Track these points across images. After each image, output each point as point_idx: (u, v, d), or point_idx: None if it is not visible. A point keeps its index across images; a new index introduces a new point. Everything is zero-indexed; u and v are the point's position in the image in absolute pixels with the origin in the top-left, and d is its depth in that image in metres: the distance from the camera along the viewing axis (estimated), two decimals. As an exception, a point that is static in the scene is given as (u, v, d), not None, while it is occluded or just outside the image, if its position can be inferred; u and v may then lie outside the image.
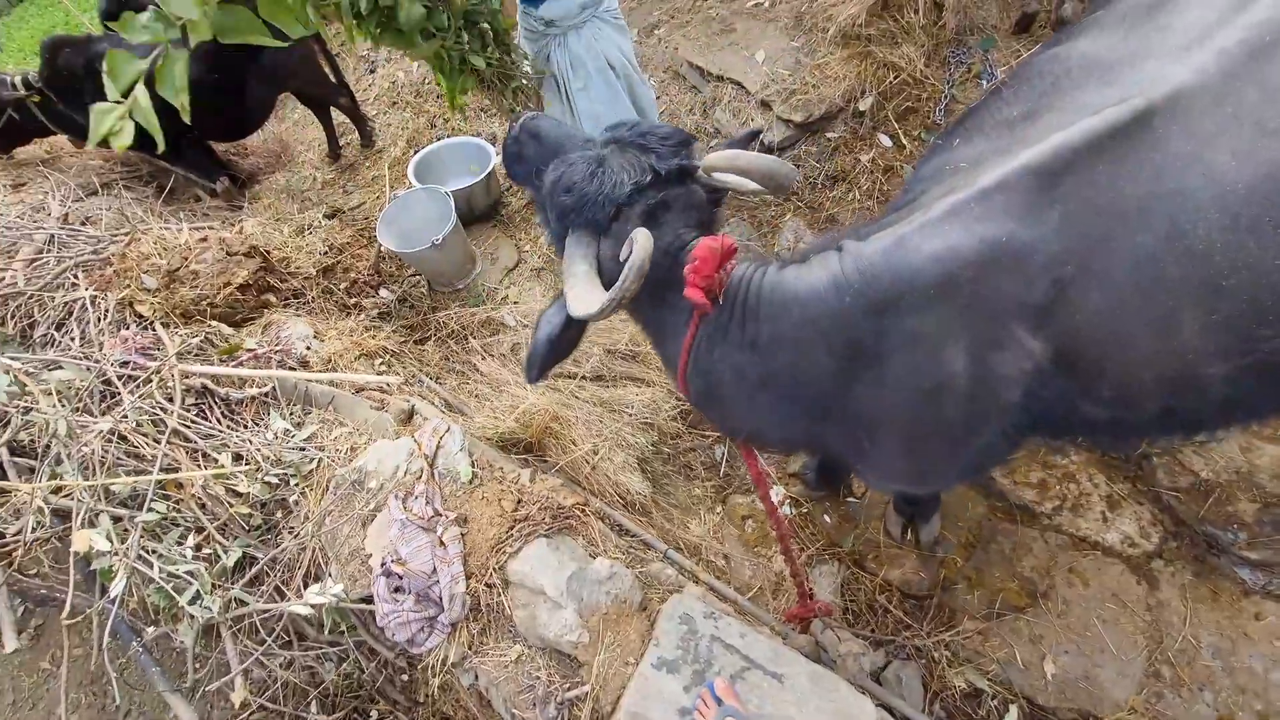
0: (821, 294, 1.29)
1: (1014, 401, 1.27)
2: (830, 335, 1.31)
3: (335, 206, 4.09)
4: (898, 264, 1.22)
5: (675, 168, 1.42)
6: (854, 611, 2.32)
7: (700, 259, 1.31)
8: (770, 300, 1.36)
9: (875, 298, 1.24)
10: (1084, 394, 1.29)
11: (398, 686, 2.57)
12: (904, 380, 1.28)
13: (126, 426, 2.40)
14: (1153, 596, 2.20)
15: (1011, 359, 1.23)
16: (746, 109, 3.45)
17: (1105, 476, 2.41)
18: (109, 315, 2.88)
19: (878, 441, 1.41)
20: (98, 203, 3.78)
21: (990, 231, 1.18)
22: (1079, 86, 1.32)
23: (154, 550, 2.21)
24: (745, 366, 1.42)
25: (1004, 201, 1.18)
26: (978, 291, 1.19)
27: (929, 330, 1.23)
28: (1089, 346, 1.23)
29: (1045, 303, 1.20)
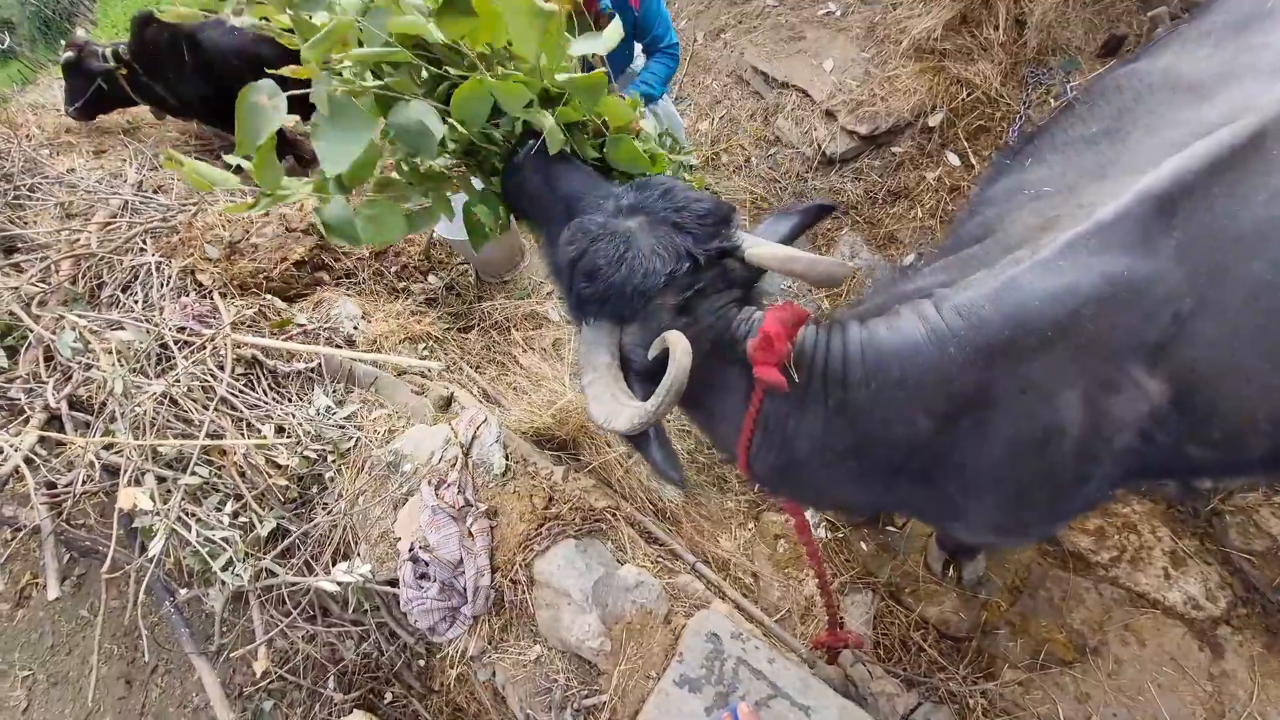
0: (920, 346, 1.17)
1: (1128, 447, 1.18)
2: (931, 390, 1.19)
3: (392, 191, 4.16)
4: (1009, 306, 1.12)
5: (715, 251, 1.24)
6: (885, 646, 2.21)
7: (770, 334, 1.16)
8: (863, 361, 1.22)
9: (983, 345, 1.12)
10: (1195, 434, 1.19)
11: (414, 672, 2.57)
12: (1012, 431, 1.18)
13: (178, 390, 2.46)
14: (1216, 665, 2.04)
15: (1128, 402, 1.14)
16: (810, 118, 3.37)
17: (1170, 530, 2.26)
18: (171, 281, 2.97)
19: (976, 497, 1.30)
20: (170, 172, 3.93)
21: (1110, 266, 1.09)
22: (1169, 104, 1.24)
23: (193, 514, 2.26)
24: (831, 437, 1.28)
25: (1123, 232, 1.09)
26: (1096, 331, 1.10)
27: (1043, 376, 1.13)
28: (1204, 384, 1.14)
29: (1164, 339, 1.11)
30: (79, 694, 3.26)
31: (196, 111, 4.18)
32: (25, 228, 3.31)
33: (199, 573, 2.31)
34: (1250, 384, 1.14)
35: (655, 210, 1.25)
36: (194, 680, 3.23)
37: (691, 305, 1.23)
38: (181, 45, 3.86)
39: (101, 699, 3.24)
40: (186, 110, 4.22)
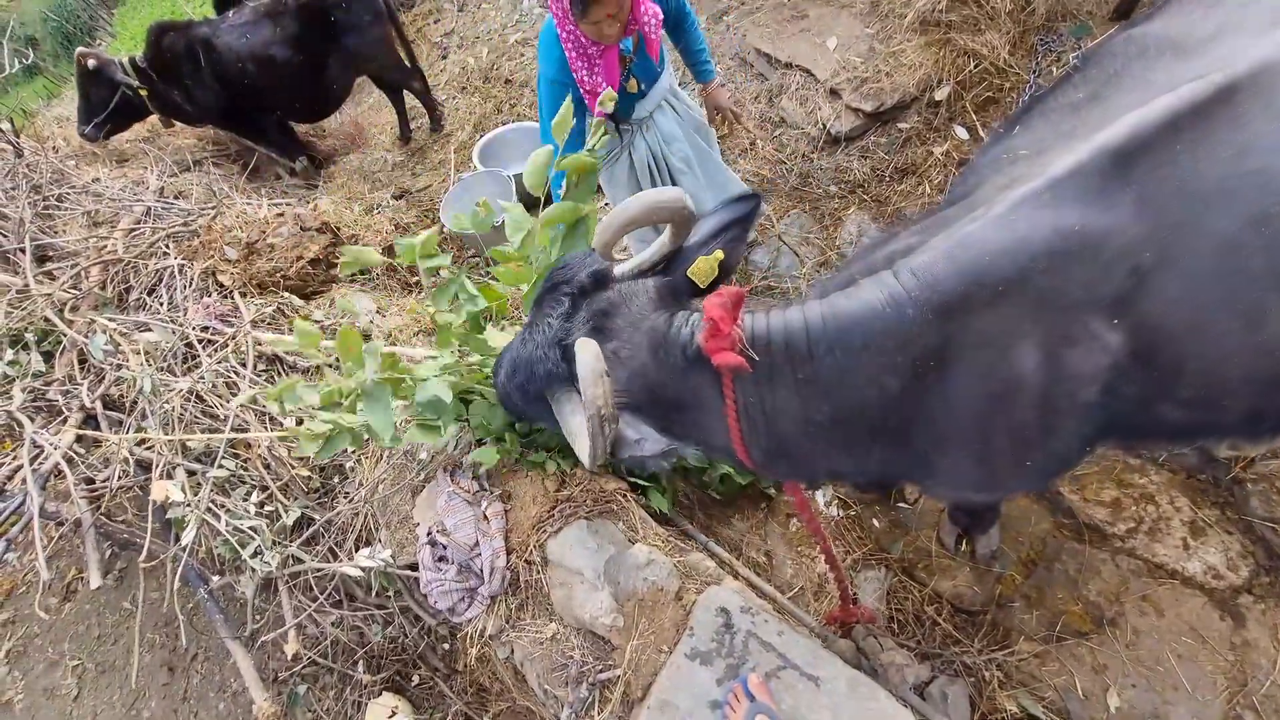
0: (880, 311, 1.20)
1: (1090, 400, 1.18)
2: (895, 353, 1.21)
3: (403, 188, 4.23)
4: (962, 263, 1.14)
5: (586, 279, 1.35)
6: (899, 621, 2.22)
7: (714, 319, 1.21)
8: (825, 333, 1.25)
9: (939, 302, 1.15)
10: (1163, 393, 1.19)
11: (438, 654, 2.65)
12: (973, 385, 1.20)
13: (204, 387, 2.55)
14: (1237, 635, 2.02)
15: (1087, 355, 1.14)
16: (814, 97, 3.35)
17: (1190, 500, 2.23)
18: (194, 283, 3.07)
19: (947, 453, 1.32)
20: (190, 178, 4.04)
21: (1063, 220, 1.09)
22: (1151, 67, 1.23)
23: (222, 504, 2.35)
24: (808, 409, 1.31)
25: (1076, 186, 1.10)
26: (1050, 284, 1.11)
27: (998, 330, 1.15)
28: (1168, 340, 1.14)
29: (1122, 293, 1.11)
30: (125, 681, 3.41)
31: (213, 117, 4.30)
32: (55, 236, 3.44)
33: (230, 561, 2.40)
34: (1221, 342, 1.12)
35: (541, 290, 1.43)
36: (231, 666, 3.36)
37: (602, 327, 1.33)
38: (197, 51, 3.96)
39: (146, 685, 3.39)
40: (204, 116, 4.33)
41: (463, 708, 2.57)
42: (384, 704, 2.55)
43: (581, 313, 1.34)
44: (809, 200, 3.34)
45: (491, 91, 4.57)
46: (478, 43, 5.05)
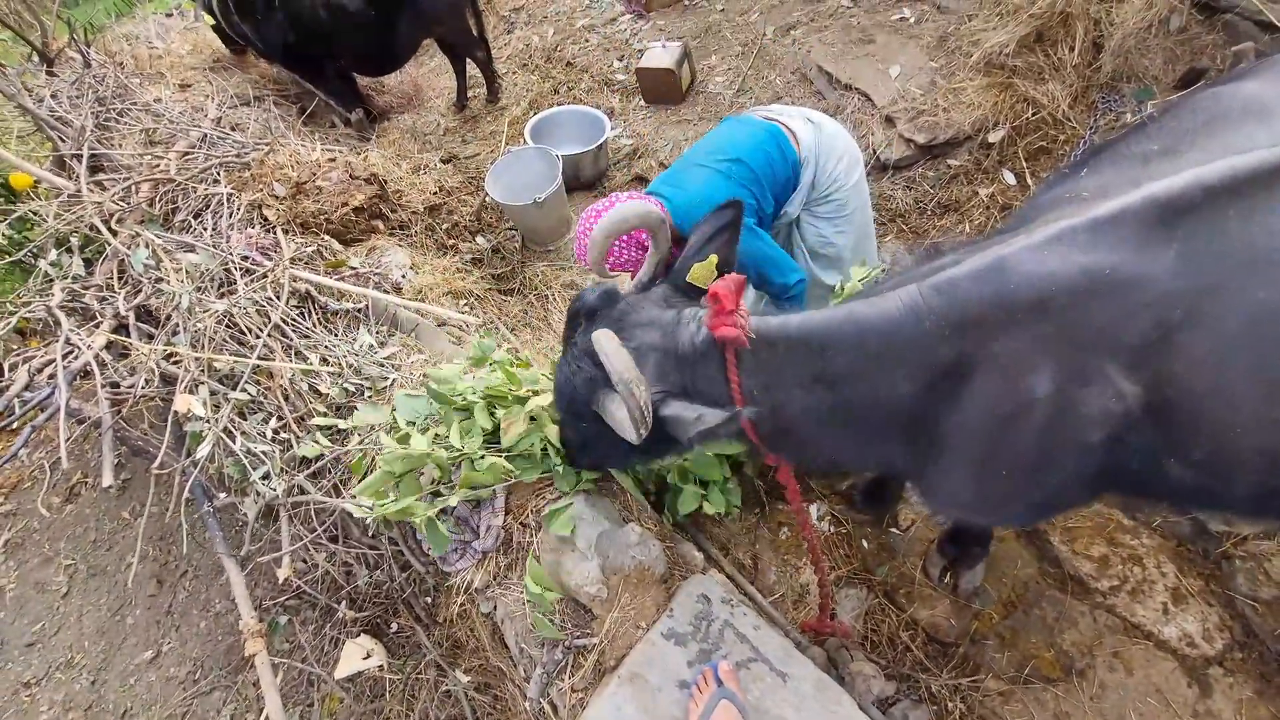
0: (898, 321, 1.25)
1: (1094, 442, 1.20)
2: (909, 362, 1.26)
3: (452, 153, 4.31)
4: (987, 284, 1.18)
5: (595, 300, 1.50)
6: (874, 641, 2.26)
7: (717, 293, 1.33)
8: (843, 334, 1.31)
9: (958, 318, 1.19)
10: (1173, 451, 1.21)
11: (421, 604, 2.72)
12: (983, 402, 1.23)
13: (237, 312, 2.63)
14: (1202, 703, 2.04)
15: (1098, 397, 1.16)
16: (869, 121, 3.38)
17: (1176, 568, 2.24)
18: (240, 213, 3.16)
19: (947, 465, 1.37)
20: (248, 112, 4.14)
21: (1094, 261, 1.12)
22: (1233, 128, 1.24)
23: (239, 427, 2.43)
24: (815, 400, 1.38)
25: (1117, 231, 1.12)
26: (1071, 320, 1.14)
27: (1013, 353, 1.18)
28: (1186, 399, 1.15)
29: (1145, 344, 1.13)
30: (114, 586, 3.52)
31: (279, 55, 4.39)
32: (112, 148, 3.54)
33: (237, 481, 2.48)
34: (1239, 411, 1.13)
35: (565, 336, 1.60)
36: (218, 587, 3.46)
37: (619, 329, 1.43)
38: (272, -9, 4.05)
39: (134, 595, 3.49)
40: (269, 54, 4.43)
41: (437, 659, 2.64)
42: (361, 644, 2.62)
43: (598, 325, 1.44)
44: (847, 223, 3.38)
45: (551, 71, 4.64)
46: (545, 22, 5.13)
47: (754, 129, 2.26)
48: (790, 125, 2.25)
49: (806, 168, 2.27)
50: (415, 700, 2.65)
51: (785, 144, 2.23)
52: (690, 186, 2.17)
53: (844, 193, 2.33)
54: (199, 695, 3.13)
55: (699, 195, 2.15)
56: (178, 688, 3.17)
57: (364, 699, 2.85)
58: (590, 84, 4.41)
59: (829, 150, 2.28)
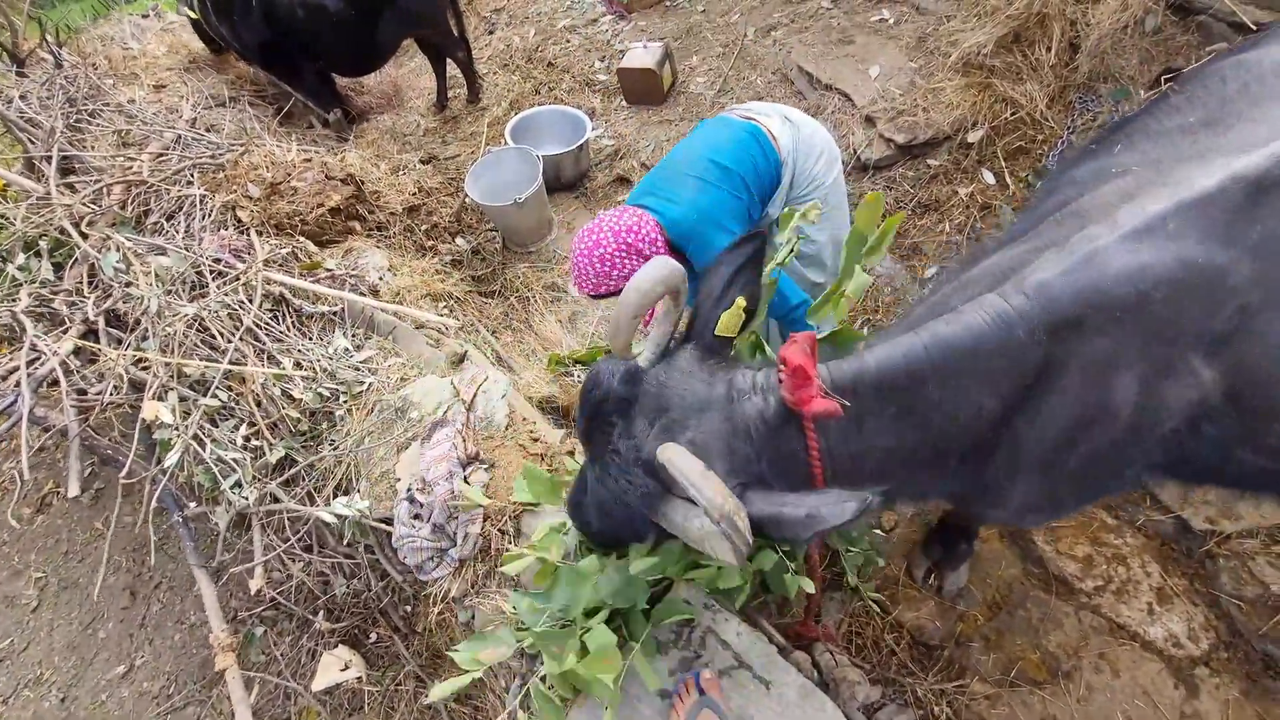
0: (988, 334, 1.14)
1: (1169, 433, 1.16)
2: (1001, 376, 1.16)
3: (432, 153, 4.26)
4: (1080, 284, 1.10)
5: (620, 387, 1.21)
6: (858, 645, 2.23)
7: (797, 365, 1.13)
8: (930, 361, 1.18)
9: (1051, 324, 1.11)
10: (1245, 438, 1.17)
11: (400, 614, 2.66)
12: (1067, 411, 1.16)
13: (208, 315, 2.57)
14: (1189, 704, 2.03)
15: (1181, 389, 1.12)
16: (849, 122, 3.37)
17: (1161, 567, 2.24)
18: (213, 214, 3.10)
19: (1022, 478, 1.28)
20: (224, 113, 4.07)
21: (1188, 250, 1.07)
22: (1275, 93, 1.20)
23: (209, 434, 2.37)
24: (898, 441, 1.25)
25: (1205, 216, 1.08)
26: (1165, 315, 1.09)
27: (1104, 355, 1.12)
28: (1263, 385, 1.12)
29: (1227, 331, 1.10)
30: (86, 599, 3.42)
31: (256, 57, 4.32)
32: (83, 150, 3.46)
33: (208, 490, 2.42)
34: None
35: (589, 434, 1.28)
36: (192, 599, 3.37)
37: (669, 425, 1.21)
38: (250, -3, 3.99)
39: (106, 607, 3.40)
40: (246, 55, 4.36)
41: (416, 669, 2.58)
42: (338, 656, 2.56)
43: (637, 421, 1.21)
44: (829, 224, 3.36)
45: (532, 72, 4.61)
46: (526, 23, 5.10)
47: (736, 131, 2.22)
48: (769, 125, 2.23)
49: (786, 168, 2.25)
50: (394, 712, 2.59)
51: (767, 145, 2.20)
52: (682, 198, 2.11)
53: (822, 190, 2.30)
54: (173, 710, 3.05)
55: (693, 208, 2.08)
56: (151, 703, 3.08)
57: (342, 711, 2.79)
58: (571, 84, 4.39)
59: (807, 149, 2.26)
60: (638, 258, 2.03)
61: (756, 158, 2.18)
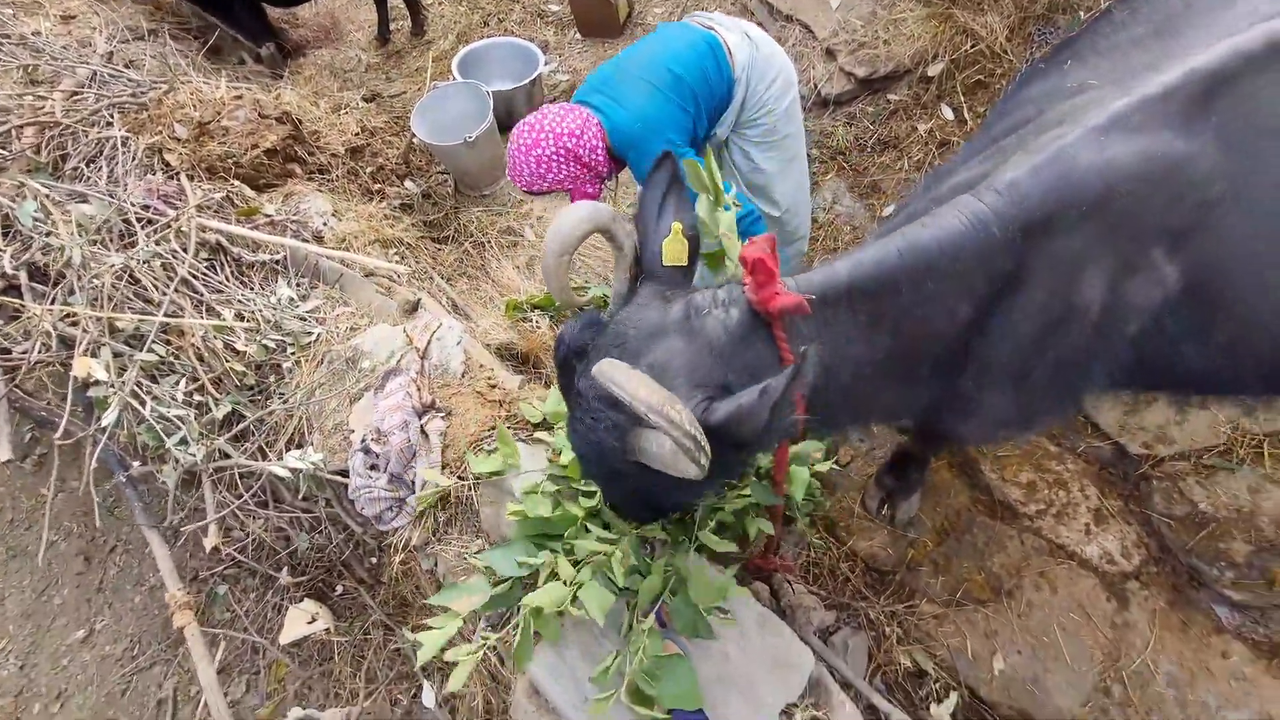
0: (964, 234, 1.13)
1: (1135, 333, 1.19)
2: (975, 274, 1.16)
3: (375, 91, 4.02)
4: (1050, 181, 1.11)
5: (581, 334, 1.22)
6: (815, 574, 2.32)
7: (759, 259, 1.11)
8: (902, 265, 1.17)
9: (1025, 220, 1.11)
10: (1198, 335, 1.20)
11: (365, 566, 2.65)
12: (1038, 310, 1.17)
13: (138, 266, 2.42)
14: (1120, 615, 2.17)
15: (1145, 286, 1.15)
16: (810, 55, 3.28)
17: (1099, 490, 2.35)
18: (138, 158, 2.88)
19: (992, 386, 1.29)
20: (143, 47, 3.75)
21: (1152, 144, 1.09)
22: (1224, 5, 1.21)
23: (149, 390, 2.26)
24: (871, 351, 1.23)
25: (1166, 110, 1.09)
26: (1130, 209, 1.11)
27: (1074, 253, 1.13)
28: (1218, 279, 1.15)
29: (1187, 225, 1.12)
30: (37, 567, 3.33)
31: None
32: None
33: (153, 449, 2.33)
34: (1265, 286, 1.15)
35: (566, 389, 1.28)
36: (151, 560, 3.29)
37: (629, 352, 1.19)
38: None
39: (60, 574, 3.31)
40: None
41: (383, 618, 2.59)
42: (304, 609, 2.55)
43: (594, 360, 1.18)
44: (790, 162, 3.31)
45: (480, 2, 4.35)
46: (472, -51, 4.77)
47: (693, 39, 2.13)
48: (727, 39, 2.14)
49: (739, 86, 2.18)
50: (363, 659, 2.61)
51: (723, 59, 2.12)
52: (629, 102, 2.03)
53: (773, 118, 2.24)
54: (138, 671, 3.03)
55: (639, 113, 2.01)
56: (115, 665, 3.05)
57: (312, 663, 2.80)
58: (522, 15, 4.15)
59: (763, 71, 2.18)
60: (575, 164, 1.98)
61: (710, 71, 2.11)
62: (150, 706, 2.91)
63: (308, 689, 2.75)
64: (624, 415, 1.12)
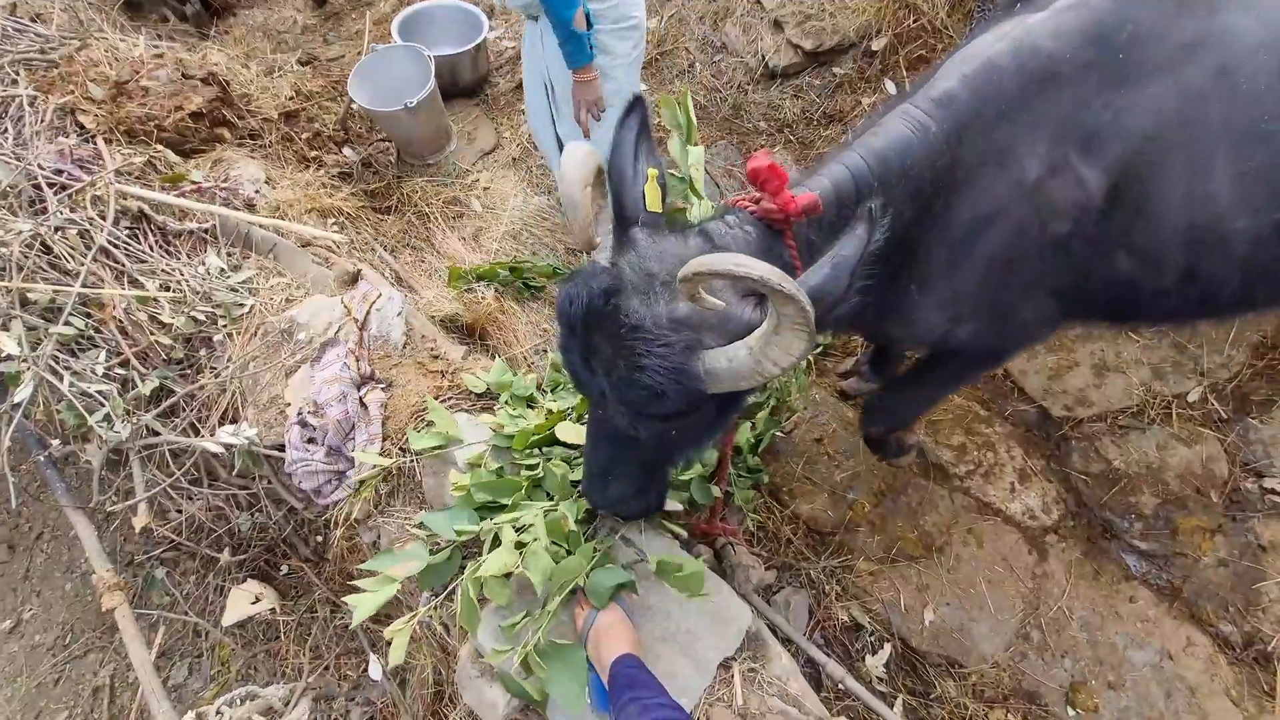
0: (910, 136, 1.24)
1: (1059, 236, 1.27)
2: (923, 176, 1.26)
3: (311, 54, 3.83)
4: (974, 84, 1.23)
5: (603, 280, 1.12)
6: (759, 537, 2.39)
7: (764, 167, 1.15)
8: (870, 171, 1.25)
9: (955, 120, 1.23)
10: (1122, 239, 1.30)
11: (310, 546, 2.60)
12: (968, 208, 1.28)
13: (49, 233, 2.28)
14: (1040, 567, 2.31)
15: (1064, 187, 1.24)
16: (758, 25, 3.28)
17: (1024, 450, 2.48)
18: (48, 119, 2.69)
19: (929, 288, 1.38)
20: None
21: (1058, 48, 1.19)
22: None
23: (67, 365, 2.15)
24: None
25: (1075, 19, 1.19)
26: (1043, 109, 1.20)
27: (997, 149, 1.23)
28: (1132, 183, 1.24)
29: (1099, 127, 1.21)
30: (-46, 558, 3.15)
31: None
32: None
33: (74, 427, 2.22)
34: (1172, 190, 1.24)
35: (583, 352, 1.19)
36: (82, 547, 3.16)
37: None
38: None
39: (-20, 563, 3.14)
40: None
41: (329, 594, 2.56)
42: (248, 590, 2.50)
43: (633, 299, 1.14)
44: (738, 133, 3.32)
45: (422, -38, 4.16)
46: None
47: None
48: None
49: None
50: (309, 637, 2.58)
51: None
52: None
53: None
54: (71, 660, 2.92)
55: None
56: (45, 655, 2.93)
57: (256, 643, 2.75)
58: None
59: None
60: None
61: None
62: (86, 696, 2.82)
63: (252, 669, 2.71)
64: (692, 335, 1.12)
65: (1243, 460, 2.39)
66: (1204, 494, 2.35)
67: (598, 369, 1.16)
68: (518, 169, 3.39)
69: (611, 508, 1.49)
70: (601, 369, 1.16)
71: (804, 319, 0.97)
